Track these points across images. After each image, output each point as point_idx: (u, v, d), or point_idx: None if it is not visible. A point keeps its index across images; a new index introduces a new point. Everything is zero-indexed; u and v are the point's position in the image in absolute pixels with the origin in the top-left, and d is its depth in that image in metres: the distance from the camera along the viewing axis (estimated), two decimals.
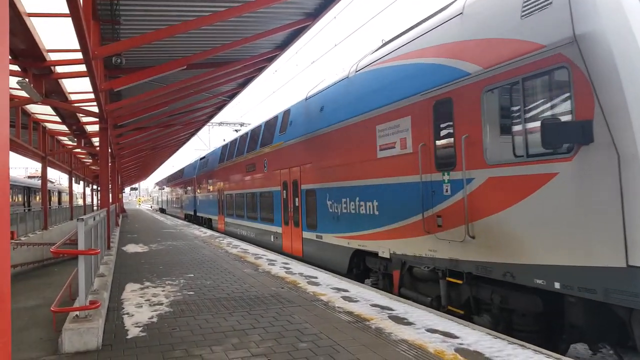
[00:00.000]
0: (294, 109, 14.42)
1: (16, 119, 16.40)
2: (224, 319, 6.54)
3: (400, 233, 8.53)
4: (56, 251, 5.57)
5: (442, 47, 7.60)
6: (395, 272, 8.78)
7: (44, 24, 9.94)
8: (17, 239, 17.32)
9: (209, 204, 28.75)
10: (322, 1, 10.57)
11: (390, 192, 8.82)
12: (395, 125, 8.60)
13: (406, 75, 8.49)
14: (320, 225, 12.00)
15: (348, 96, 10.66)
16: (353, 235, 10.26)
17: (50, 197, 42.05)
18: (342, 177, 10.76)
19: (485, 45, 6.65)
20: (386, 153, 8.92)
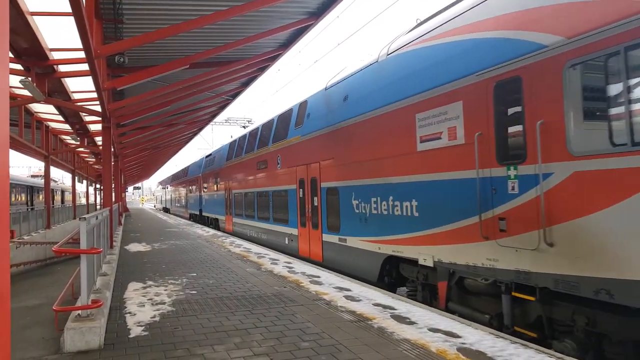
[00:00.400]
0: (312, 101, 13.27)
1: (19, 117, 16.45)
2: (226, 318, 6.53)
3: (447, 238, 7.36)
4: (58, 250, 5.57)
5: (504, 18, 6.51)
6: (441, 284, 7.57)
7: (47, 22, 9.98)
8: (17, 238, 17.35)
9: (215, 204, 27.49)
10: (325, 0, 10.55)
11: (434, 190, 7.66)
12: (441, 112, 7.42)
13: (455, 53, 7.33)
14: (344, 228, 10.85)
15: (378, 82, 9.51)
16: (385, 240, 9.08)
17: (54, 196, 42.19)
18: (371, 173, 9.61)
19: (569, 10, 5.54)
20: (429, 145, 7.73)
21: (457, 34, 7.45)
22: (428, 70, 7.89)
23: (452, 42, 7.48)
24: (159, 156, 45.39)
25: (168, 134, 27.28)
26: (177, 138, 31.60)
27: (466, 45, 7.16)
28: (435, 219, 7.64)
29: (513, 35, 6.27)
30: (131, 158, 36.49)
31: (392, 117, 8.85)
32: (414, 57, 8.51)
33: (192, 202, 37.71)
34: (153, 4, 9.55)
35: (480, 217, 6.60)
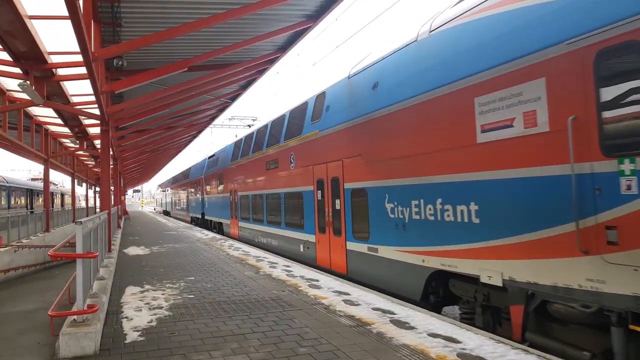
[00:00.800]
0: (332, 92, 11.82)
1: (18, 121, 16.41)
2: (223, 323, 6.48)
3: (524, 251, 5.91)
4: (54, 254, 5.52)
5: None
6: (515, 309, 6.08)
7: (46, 26, 9.94)
8: (16, 241, 17.29)
9: (219, 207, 25.97)
10: (323, 3, 10.53)
11: (503, 190, 6.21)
12: (513, 93, 6.07)
13: (531, 20, 6.00)
14: (374, 235, 9.40)
15: (419, 64, 8.13)
16: (432, 251, 7.60)
17: (53, 199, 42.15)
18: (411, 171, 8.16)
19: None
20: (495, 135, 6.30)
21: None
22: (491, 45, 6.56)
23: (526, 7, 6.12)
24: (158, 159, 45.36)
25: (167, 137, 27.26)
26: (176, 141, 31.58)
27: (547, 8, 5.79)
28: (506, 227, 6.16)
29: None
30: (130, 161, 36.47)
31: (440, 103, 7.45)
32: (469, 30, 7.15)
33: (193, 205, 35.97)
34: (151, 7, 9.53)
35: (578, 225, 5.18)
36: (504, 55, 6.27)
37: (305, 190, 12.91)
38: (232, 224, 22.71)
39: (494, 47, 6.48)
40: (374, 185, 9.44)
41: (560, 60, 5.53)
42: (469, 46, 6.95)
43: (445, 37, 7.56)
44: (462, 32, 7.27)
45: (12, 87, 12.87)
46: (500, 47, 6.36)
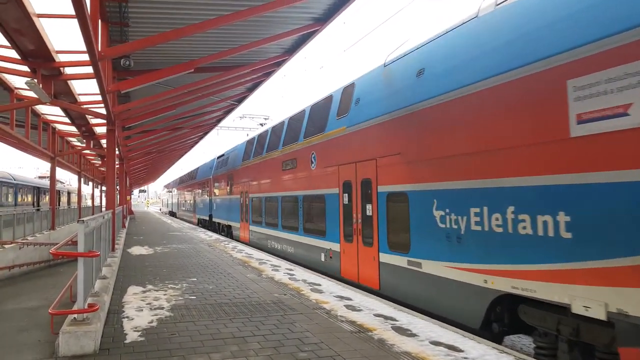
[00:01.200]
0: (363, 82, 10.52)
1: (26, 119, 16.48)
2: (224, 325, 6.45)
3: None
4: (56, 253, 5.52)
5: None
6: (628, 351, 4.68)
7: (54, 24, 9.99)
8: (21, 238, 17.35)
9: (228, 209, 24.45)
10: (331, 6, 10.51)
11: (610, 197, 4.88)
12: (628, 72, 4.74)
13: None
14: (417, 247, 8.03)
15: (482, 45, 6.89)
16: (499, 270, 6.21)
17: (60, 197, 42.36)
18: (470, 173, 6.81)
19: None
20: (600, 126, 4.98)
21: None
22: (590, 13, 5.26)
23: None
24: (165, 160, 45.50)
25: (173, 138, 27.33)
26: (182, 142, 31.64)
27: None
28: (614, 244, 4.80)
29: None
30: (137, 161, 36.59)
31: (514, 89, 6.18)
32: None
33: (201, 206, 34.22)
34: (158, 7, 9.54)
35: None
36: (616, 24, 4.92)
37: (329, 193, 11.50)
38: (242, 227, 21.28)
39: (595, 15, 5.19)
40: (418, 188, 8.04)
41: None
42: (558, 16, 5.65)
43: (517, 10, 6.35)
44: (544, 1, 5.97)
45: (20, 85, 12.92)
46: (608, 14, 5.05)
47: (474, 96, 6.85)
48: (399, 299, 8.47)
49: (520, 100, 6.04)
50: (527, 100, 5.94)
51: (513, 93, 6.16)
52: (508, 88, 6.24)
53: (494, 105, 6.50)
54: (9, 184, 29.19)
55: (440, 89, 7.59)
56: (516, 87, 6.11)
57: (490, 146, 6.50)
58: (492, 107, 6.53)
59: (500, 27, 6.65)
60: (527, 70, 5.95)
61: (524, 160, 5.92)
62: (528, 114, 5.90)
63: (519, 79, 6.07)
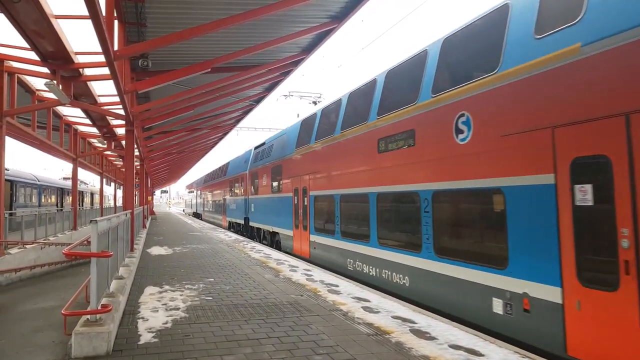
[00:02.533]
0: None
1: (47, 120, 16.70)
2: (239, 327, 6.35)
3: None
4: (68, 253, 5.49)
5: None
6: None
7: (72, 26, 10.08)
8: (43, 238, 17.58)
9: (273, 211, 18.73)
10: (348, 3, 10.36)
11: None
12: None
13: None
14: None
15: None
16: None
17: (83, 198, 43.01)
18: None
19: None
20: None
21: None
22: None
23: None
24: (185, 160, 45.87)
25: (193, 139, 27.50)
26: (202, 143, 31.81)
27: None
28: None
29: None
30: (158, 162, 36.95)
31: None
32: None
33: (233, 207, 28.27)
34: (175, 7, 9.52)
35: None
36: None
37: (517, 185, 6.18)
38: (297, 236, 15.57)
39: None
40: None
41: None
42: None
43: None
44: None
45: (42, 87, 13.07)
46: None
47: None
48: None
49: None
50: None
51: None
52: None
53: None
54: (33, 184, 29.69)
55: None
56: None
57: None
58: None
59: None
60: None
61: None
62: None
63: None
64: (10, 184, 24.13)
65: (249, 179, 23.92)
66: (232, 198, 28.95)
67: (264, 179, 20.46)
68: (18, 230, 15.76)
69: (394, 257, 9.32)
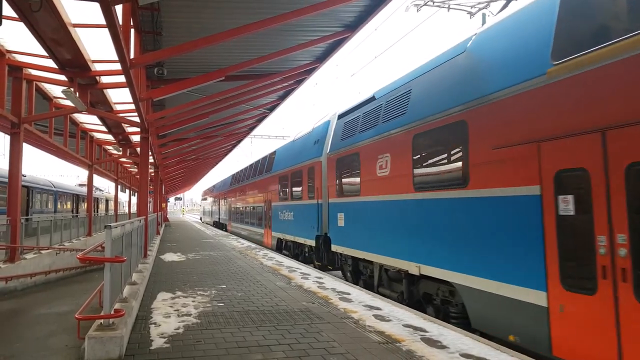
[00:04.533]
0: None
1: (64, 127, 16.97)
2: (250, 333, 6.36)
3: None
4: (83, 258, 5.56)
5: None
6: None
7: (90, 34, 10.24)
8: (58, 244, 17.80)
9: (423, 229, 8.54)
10: (361, 13, 10.43)
11: None
12: None
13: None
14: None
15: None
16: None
17: (98, 204, 43.50)
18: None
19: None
20: None
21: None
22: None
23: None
24: (199, 168, 46.22)
25: (206, 146, 27.71)
26: (215, 150, 32.05)
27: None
28: None
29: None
30: (172, 169, 37.28)
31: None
32: None
33: (287, 217, 18.42)
34: (190, 15, 9.66)
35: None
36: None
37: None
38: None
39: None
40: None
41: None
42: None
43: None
44: None
45: (59, 94, 13.31)
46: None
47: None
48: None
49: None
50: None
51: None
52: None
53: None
54: (49, 191, 30.14)
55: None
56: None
57: None
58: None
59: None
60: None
61: None
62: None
63: None
64: (27, 190, 24.51)
65: (324, 172, 14.41)
66: (284, 204, 18.74)
67: (364, 172, 10.99)
68: (34, 236, 15.98)
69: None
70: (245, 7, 9.41)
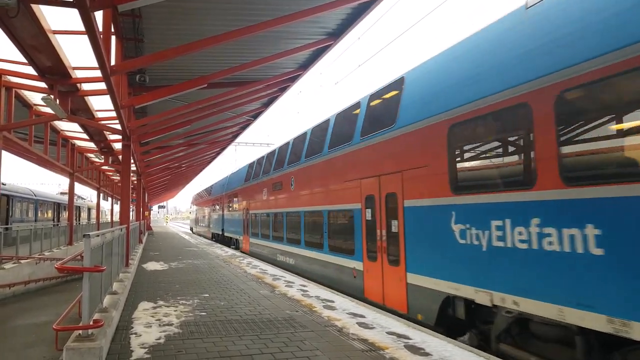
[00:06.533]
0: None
1: (45, 135, 16.71)
2: (232, 343, 6.29)
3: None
4: (61, 267, 5.45)
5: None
6: None
7: (70, 41, 10.13)
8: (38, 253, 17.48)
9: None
10: (344, 21, 10.47)
11: None
12: None
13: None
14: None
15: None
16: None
17: (80, 213, 42.88)
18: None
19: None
20: None
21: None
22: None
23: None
24: (182, 176, 45.82)
25: (190, 154, 27.47)
26: (199, 158, 31.79)
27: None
28: None
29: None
30: (155, 176, 36.90)
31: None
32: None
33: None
34: (171, 22, 9.61)
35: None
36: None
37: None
38: None
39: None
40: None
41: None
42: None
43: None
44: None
45: (39, 101, 13.12)
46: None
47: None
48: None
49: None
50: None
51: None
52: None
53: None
54: (30, 199, 29.64)
55: None
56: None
57: None
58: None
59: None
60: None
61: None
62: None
63: None
64: (7, 198, 24.07)
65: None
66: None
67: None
68: (13, 245, 15.68)
69: None
70: (228, 14, 9.39)
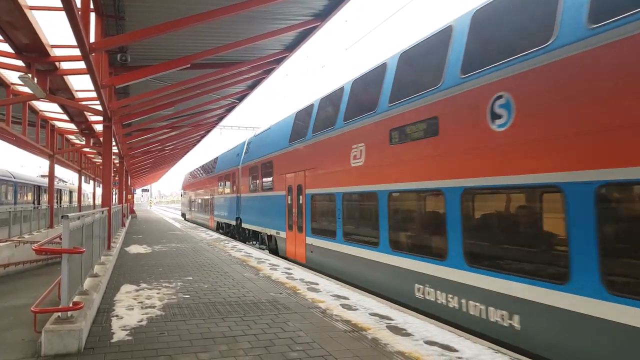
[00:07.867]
0: None
1: (23, 115, 16.32)
2: (215, 325, 6.27)
3: None
4: (39, 249, 5.34)
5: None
6: None
7: (48, 18, 9.82)
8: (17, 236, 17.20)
9: None
10: (331, 2, 10.30)
11: None
12: None
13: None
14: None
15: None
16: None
17: (62, 196, 42.27)
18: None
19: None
20: None
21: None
22: None
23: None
24: (167, 159, 45.32)
25: (174, 137, 27.13)
26: (184, 140, 31.42)
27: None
28: None
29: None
30: (138, 159, 36.41)
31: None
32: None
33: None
34: (154, 0, 9.36)
35: None
36: None
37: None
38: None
39: None
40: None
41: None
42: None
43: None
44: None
45: (16, 80, 12.76)
46: None
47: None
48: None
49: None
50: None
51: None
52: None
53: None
54: (9, 182, 29.09)
55: None
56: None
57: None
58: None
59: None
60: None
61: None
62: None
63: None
64: None
65: None
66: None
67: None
68: None
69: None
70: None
